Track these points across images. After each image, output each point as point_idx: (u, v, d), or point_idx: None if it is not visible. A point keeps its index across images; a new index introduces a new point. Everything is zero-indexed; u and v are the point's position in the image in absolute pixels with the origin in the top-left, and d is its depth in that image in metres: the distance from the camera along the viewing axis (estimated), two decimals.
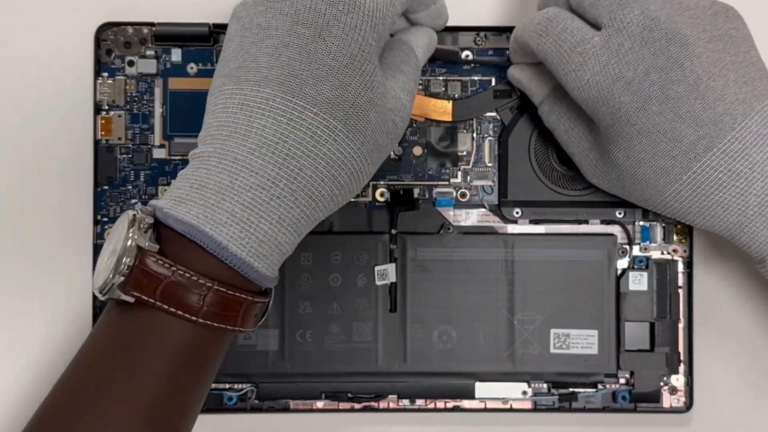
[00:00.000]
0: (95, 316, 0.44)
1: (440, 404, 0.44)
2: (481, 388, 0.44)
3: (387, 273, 0.44)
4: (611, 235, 0.44)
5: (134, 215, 0.32)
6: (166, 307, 0.32)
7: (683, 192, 0.37)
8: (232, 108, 0.33)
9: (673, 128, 0.36)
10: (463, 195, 0.45)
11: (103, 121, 0.44)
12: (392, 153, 0.44)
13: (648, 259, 0.44)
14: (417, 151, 0.45)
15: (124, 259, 0.32)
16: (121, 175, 0.44)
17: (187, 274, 0.32)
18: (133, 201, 0.44)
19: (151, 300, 0.32)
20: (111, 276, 0.32)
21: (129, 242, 0.32)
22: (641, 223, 0.44)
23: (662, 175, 0.37)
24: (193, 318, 0.32)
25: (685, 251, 0.44)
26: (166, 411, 0.33)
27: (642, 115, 0.36)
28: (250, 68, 0.34)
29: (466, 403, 0.44)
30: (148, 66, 0.44)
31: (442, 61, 0.44)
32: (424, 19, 0.40)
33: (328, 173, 0.34)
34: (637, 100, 0.36)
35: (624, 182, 0.39)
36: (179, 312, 0.32)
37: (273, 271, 0.34)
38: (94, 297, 0.44)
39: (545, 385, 0.44)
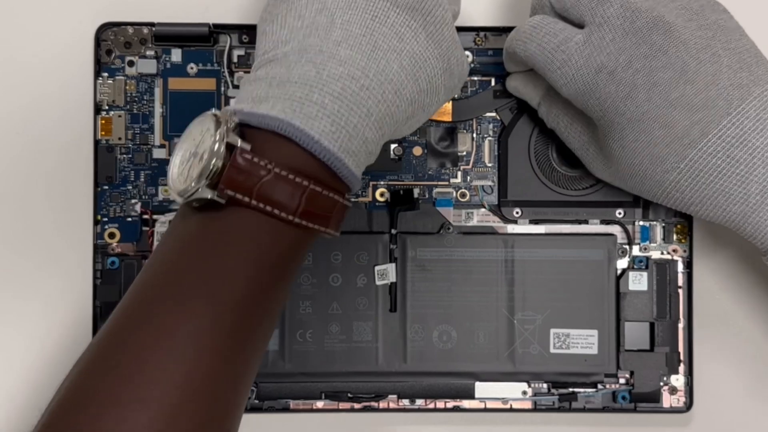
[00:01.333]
0: (95, 316, 0.43)
1: (440, 404, 0.44)
2: (481, 388, 0.44)
3: (387, 273, 0.44)
4: (611, 235, 0.44)
5: (216, 115, 0.31)
6: (263, 206, 0.30)
7: (682, 181, 0.36)
8: (308, 14, 0.32)
9: (665, 114, 0.36)
10: (463, 195, 0.45)
11: (103, 121, 0.44)
12: (392, 153, 0.44)
13: (648, 259, 0.44)
14: (417, 151, 0.45)
15: (213, 160, 0.30)
16: (121, 175, 0.44)
17: (283, 172, 0.30)
18: (134, 201, 0.44)
19: (247, 199, 0.30)
20: (197, 180, 0.30)
21: (217, 145, 0.30)
22: (641, 223, 0.44)
23: (659, 164, 0.36)
24: (290, 218, 0.31)
25: (685, 251, 0.44)
26: (248, 317, 0.31)
27: (630, 104, 0.36)
28: None
29: (466, 403, 0.44)
30: (148, 66, 0.44)
31: None
32: None
33: (411, 71, 0.33)
34: (622, 89, 0.36)
35: (623, 174, 0.39)
36: (275, 211, 0.30)
37: (360, 170, 0.33)
38: (94, 297, 0.44)
39: (545, 385, 0.44)
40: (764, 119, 0.35)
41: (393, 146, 0.44)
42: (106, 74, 0.44)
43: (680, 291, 0.44)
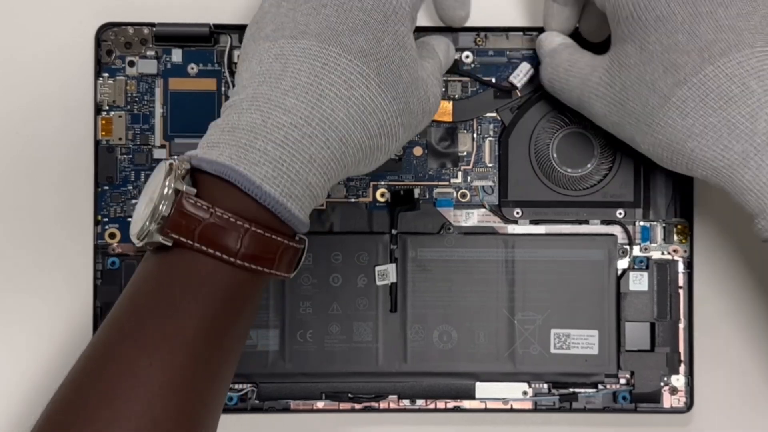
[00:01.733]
0: (95, 315, 0.44)
1: (440, 404, 0.44)
2: (482, 388, 0.44)
3: (387, 273, 0.44)
4: (611, 235, 0.44)
5: (171, 164, 0.32)
6: (204, 248, 0.32)
7: (689, 99, 0.35)
8: (266, 60, 0.34)
9: (692, 21, 0.35)
10: (464, 195, 0.45)
11: (103, 122, 0.44)
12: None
13: (648, 259, 0.44)
14: (417, 151, 0.45)
15: (161, 206, 0.32)
16: (122, 176, 0.44)
17: (225, 216, 0.32)
18: (134, 201, 0.44)
19: (190, 242, 0.32)
20: (148, 222, 0.32)
21: (166, 190, 0.32)
22: (641, 223, 0.44)
23: (671, 73, 0.35)
24: (231, 259, 0.32)
25: (685, 251, 0.44)
26: (204, 353, 0.33)
27: (662, 1, 0.36)
28: (287, 27, 0.34)
29: (466, 404, 0.44)
30: (149, 66, 0.44)
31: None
32: (450, 3, 0.41)
33: (359, 118, 0.34)
34: None
35: (627, 92, 0.37)
36: (217, 253, 0.32)
37: (305, 214, 0.34)
38: (95, 297, 0.44)
39: (545, 386, 0.44)
40: None
41: None
42: (106, 74, 0.44)
43: (681, 291, 0.44)
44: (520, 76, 0.44)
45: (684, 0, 0.35)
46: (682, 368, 0.44)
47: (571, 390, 0.44)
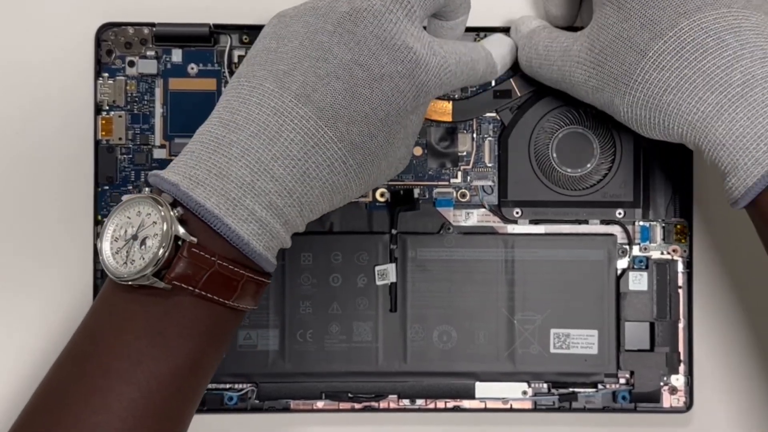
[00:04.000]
0: None
1: (440, 404, 0.44)
2: (481, 388, 0.44)
3: (387, 273, 0.44)
4: (611, 235, 0.44)
5: (154, 198, 0.33)
6: (206, 295, 0.33)
7: (665, 53, 0.36)
8: (266, 109, 0.34)
9: None
10: (463, 195, 0.45)
11: (103, 122, 0.44)
12: None
13: (648, 259, 0.44)
14: (417, 151, 0.45)
15: (161, 251, 0.32)
16: (122, 175, 0.44)
17: (229, 266, 0.33)
18: None
19: (191, 288, 0.33)
20: (150, 270, 0.32)
21: (166, 241, 0.33)
22: (641, 223, 0.44)
23: (648, 28, 0.36)
24: (229, 303, 0.34)
25: (685, 251, 0.44)
26: (191, 386, 0.35)
27: None
28: (296, 80, 0.35)
29: (466, 403, 0.44)
30: (149, 66, 0.44)
31: None
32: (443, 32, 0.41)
33: (329, 197, 0.36)
34: None
35: (605, 52, 0.38)
36: (218, 299, 0.34)
37: (274, 259, 0.36)
38: (94, 297, 0.44)
39: (545, 385, 0.44)
40: (762, 22, 0.35)
41: None
42: (106, 74, 0.44)
43: (680, 291, 0.44)
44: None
45: None
46: (681, 368, 0.44)
47: (571, 390, 0.44)
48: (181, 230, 0.33)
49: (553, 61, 0.41)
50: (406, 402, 0.44)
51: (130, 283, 0.33)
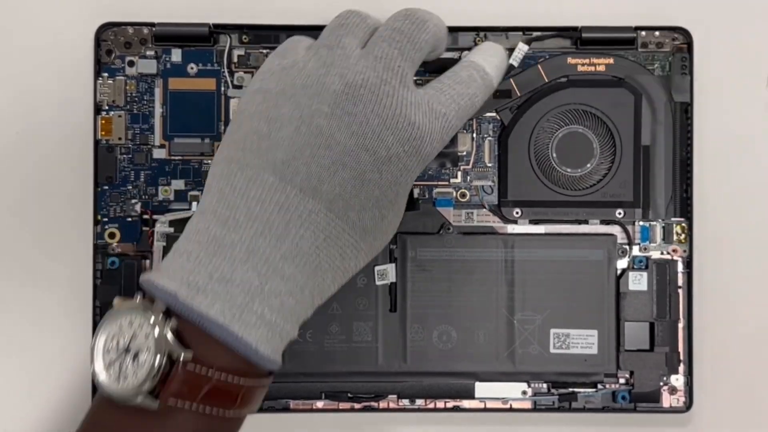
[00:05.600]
0: (95, 316, 0.43)
1: (440, 404, 0.44)
2: (481, 388, 0.44)
3: (387, 273, 0.44)
4: (611, 235, 0.44)
5: (148, 310, 0.32)
6: (202, 408, 0.32)
7: None
8: (269, 205, 0.32)
9: None
10: (463, 195, 0.45)
11: (103, 121, 0.44)
12: None
13: (648, 259, 0.44)
14: None
15: (153, 369, 0.31)
16: (121, 175, 0.44)
17: (223, 377, 0.32)
18: (134, 201, 0.44)
19: (188, 405, 0.31)
20: (138, 386, 0.31)
21: (158, 358, 0.31)
22: (641, 223, 0.44)
23: None
24: (228, 414, 0.32)
25: (685, 251, 0.44)
26: None
27: None
28: (299, 171, 0.33)
29: (466, 403, 0.44)
30: (148, 66, 0.44)
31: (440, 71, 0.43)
32: None
33: (341, 283, 0.35)
34: None
35: None
36: (214, 411, 0.32)
37: (281, 358, 0.34)
38: (94, 297, 0.44)
39: (545, 385, 0.44)
40: None
41: None
42: (106, 74, 0.44)
43: (680, 291, 0.44)
44: (518, 56, 0.44)
45: None
46: (681, 368, 0.44)
47: (571, 390, 0.44)
48: (176, 345, 0.31)
49: None
50: (405, 402, 0.44)
51: (123, 401, 0.31)
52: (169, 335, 0.31)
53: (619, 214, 0.44)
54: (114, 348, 0.32)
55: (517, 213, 0.44)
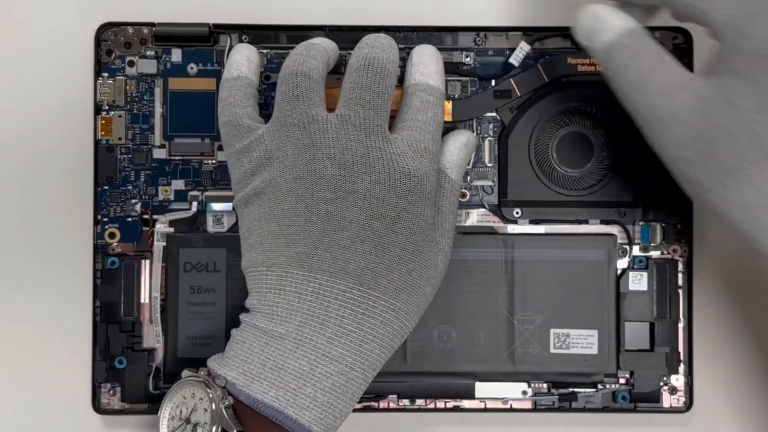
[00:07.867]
0: (95, 316, 0.43)
1: (440, 404, 0.44)
2: (481, 388, 0.44)
3: None
4: (611, 235, 0.44)
5: (206, 382, 0.34)
6: None
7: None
8: (306, 296, 0.35)
9: None
10: (463, 195, 0.45)
11: (103, 121, 0.44)
12: None
13: (648, 259, 0.44)
14: None
15: None
16: (122, 175, 0.44)
17: None
18: (134, 201, 0.44)
19: None
20: None
21: (216, 420, 0.34)
22: (641, 223, 0.44)
23: None
24: None
25: (685, 251, 0.44)
26: None
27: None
28: (324, 258, 0.35)
29: (466, 403, 0.44)
30: (149, 66, 0.44)
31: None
32: None
33: (390, 346, 0.36)
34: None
35: (720, 134, 0.31)
36: None
37: None
38: (95, 297, 0.44)
39: (545, 385, 0.44)
40: None
41: None
42: (106, 74, 0.44)
43: (680, 291, 0.44)
44: (519, 55, 0.44)
45: None
46: (681, 368, 0.44)
47: (571, 390, 0.44)
48: (231, 420, 0.34)
49: (647, 102, 0.34)
50: (405, 402, 0.44)
51: None
52: (225, 411, 0.34)
53: (620, 214, 0.44)
54: (177, 416, 0.35)
55: (517, 213, 0.44)
